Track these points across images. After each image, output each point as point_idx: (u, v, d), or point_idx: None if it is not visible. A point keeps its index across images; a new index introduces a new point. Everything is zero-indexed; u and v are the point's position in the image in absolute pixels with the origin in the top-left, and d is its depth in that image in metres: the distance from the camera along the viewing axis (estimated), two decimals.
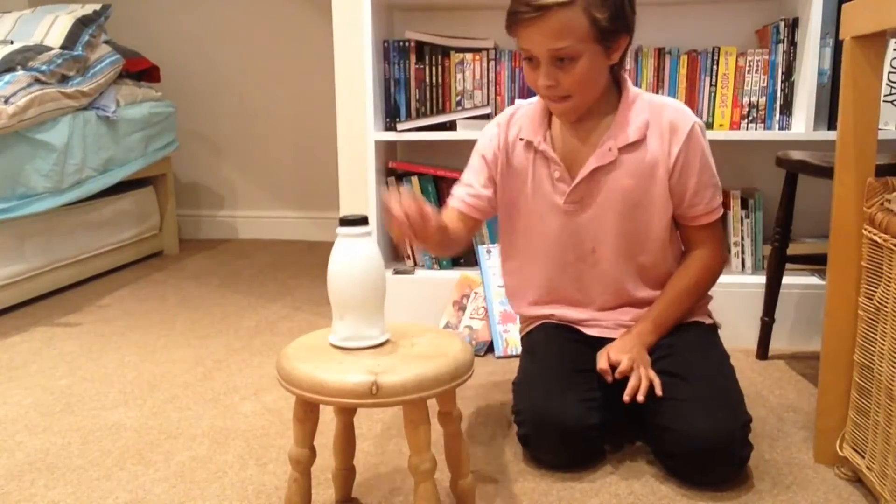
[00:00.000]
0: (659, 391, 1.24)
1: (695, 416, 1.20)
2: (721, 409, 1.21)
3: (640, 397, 1.24)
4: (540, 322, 1.47)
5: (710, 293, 1.46)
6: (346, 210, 2.37)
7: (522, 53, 1.29)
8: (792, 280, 1.91)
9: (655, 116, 1.33)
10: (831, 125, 1.90)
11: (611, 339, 1.38)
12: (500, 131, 1.43)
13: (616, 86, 1.36)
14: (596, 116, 1.35)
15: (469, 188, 1.42)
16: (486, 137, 1.44)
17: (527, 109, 1.42)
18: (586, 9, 1.21)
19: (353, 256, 1.00)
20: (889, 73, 1.90)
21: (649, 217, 1.36)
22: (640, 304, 1.41)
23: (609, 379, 1.29)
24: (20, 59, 2.39)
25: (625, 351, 1.30)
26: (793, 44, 1.93)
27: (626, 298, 1.42)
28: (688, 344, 1.35)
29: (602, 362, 1.31)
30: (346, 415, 1.15)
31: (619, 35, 1.26)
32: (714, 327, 1.44)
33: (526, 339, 1.49)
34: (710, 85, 1.99)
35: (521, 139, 1.40)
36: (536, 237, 1.43)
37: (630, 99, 1.34)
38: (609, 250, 1.38)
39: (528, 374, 1.36)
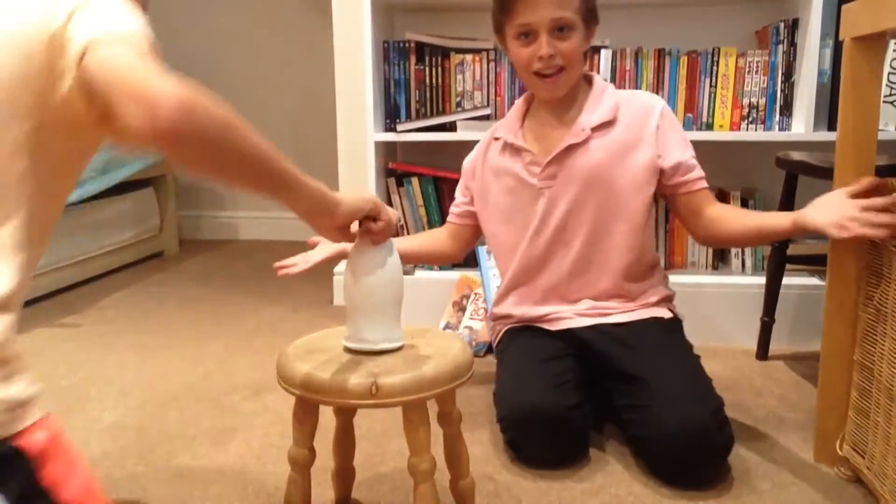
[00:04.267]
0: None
1: (663, 417, 1.21)
2: (688, 401, 1.22)
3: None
4: (505, 329, 1.52)
5: (672, 289, 1.51)
6: None
7: (518, 30, 1.35)
8: (792, 280, 1.91)
9: (626, 102, 1.43)
10: (831, 125, 1.90)
11: (573, 329, 1.43)
12: (482, 144, 1.56)
13: (584, 80, 1.47)
14: (569, 104, 1.44)
15: (455, 204, 1.61)
16: (470, 155, 1.59)
17: (503, 121, 1.54)
18: None
19: (376, 258, 0.99)
20: (889, 73, 1.90)
21: (619, 196, 1.41)
22: (601, 296, 1.45)
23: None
24: None
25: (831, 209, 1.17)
26: (793, 44, 1.93)
27: (590, 288, 1.45)
28: (646, 343, 1.37)
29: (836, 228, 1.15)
30: (346, 415, 1.15)
31: (594, 22, 1.40)
32: (675, 320, 1.47)
33: (497, 350, 1.54)
34: (710, 85, 1.99)
35: (497, 139, 1.51)
36: (511, 223, 1.49)
37: (600, 87, 1.45)
38: (580, 228, 1.42)
39: (502, 382, 1.40)
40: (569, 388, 1.29)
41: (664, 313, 1.45)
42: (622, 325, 1.42)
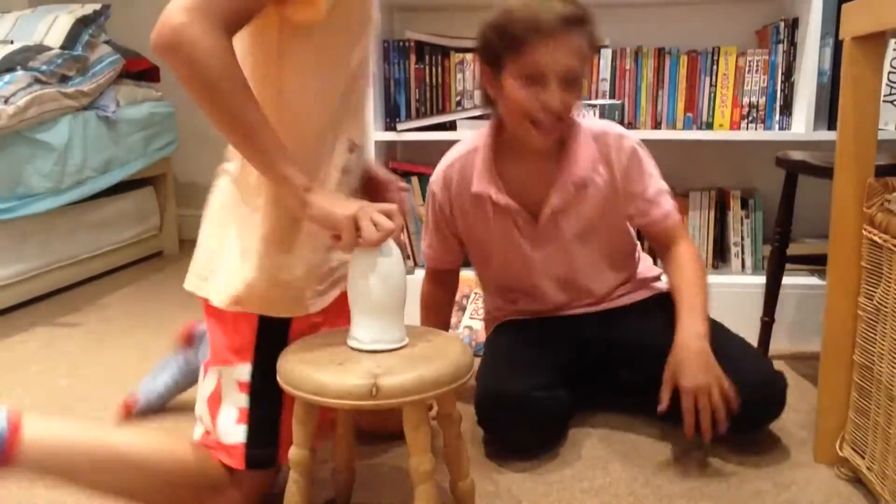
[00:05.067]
0: (724, 416, 1.22)
1: (740, 372, 1.26)
2: (745, 356, 1.33)
3: (707, 436, 1.23)
4: (496, 326, 1.53)
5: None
6: None
7: (525, 71, 1.20)
8: (792, 280, 1.91)
9: (600, 143, 1.34)
10: (831, 125, 1.90)
11: (566, 316, 1.46)
12: (441, 195, 1.42)
13: None
14: (547, 152, 1.34)
15: (431, 249, 1.49)
16: (433, 203, 1.44)
17: (464, 162, 1.39)
18: (589, 29, 1.23)
19: (376, 260, 0.99)
20: (889, 73, 1.90)
21: (603, 232, 1.41)
22: (599, 300, 1.48)
23: (664, 406, 1.24)
24: (20, 59, 2.39)
25: (699, 371, 1.23)
26: (793, 44, 1.93)
27: (586, 296, 1.48)
28: (666, 313, 1.36)
29: (666, 397, 1.25)
30: (347, 416, 1.15)
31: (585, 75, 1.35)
32: None
33: (484, 346, 1.54)
34: (710, 85, 1.99)
35: (473, 193, 1.37)
36: (507, 270, 1.47)
37: (575, 132, 1.34)
38: (567, 263, 1.43)
39: (476, 375, 1.36)
40: (535, 369, 1.30)
41: (664, 286, 1.48)
42: (628, 307, 1.45)
